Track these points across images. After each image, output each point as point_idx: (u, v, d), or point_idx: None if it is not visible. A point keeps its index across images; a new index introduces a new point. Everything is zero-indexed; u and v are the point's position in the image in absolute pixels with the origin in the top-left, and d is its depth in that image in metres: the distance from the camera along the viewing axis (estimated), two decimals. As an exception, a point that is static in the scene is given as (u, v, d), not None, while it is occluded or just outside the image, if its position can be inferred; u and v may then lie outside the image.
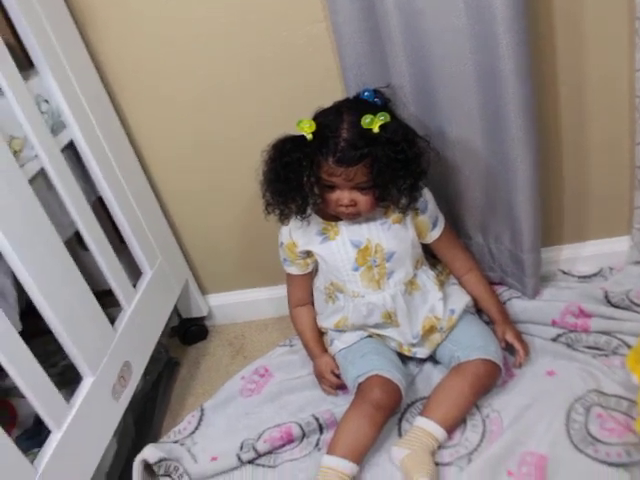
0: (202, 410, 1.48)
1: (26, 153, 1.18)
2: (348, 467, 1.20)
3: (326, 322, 1.44)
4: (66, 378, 1.34)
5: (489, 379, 1.30)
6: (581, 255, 1.58)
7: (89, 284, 1.29)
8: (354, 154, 1.17)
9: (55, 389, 1.14)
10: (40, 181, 1.25)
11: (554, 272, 1.59)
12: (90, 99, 1.37)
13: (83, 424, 1.19)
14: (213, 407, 1.49)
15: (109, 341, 1.31)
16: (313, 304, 1.49)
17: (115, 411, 1.30)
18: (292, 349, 1.61)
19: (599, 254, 1.56)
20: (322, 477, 1.19)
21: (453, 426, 1.26)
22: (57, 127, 1.30)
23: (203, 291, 1.79)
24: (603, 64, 1.33)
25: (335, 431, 1.27)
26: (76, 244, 1.61)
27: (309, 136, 1.20)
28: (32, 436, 1.32)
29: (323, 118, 1.23)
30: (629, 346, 1.32)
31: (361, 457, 1.23)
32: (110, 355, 1.30)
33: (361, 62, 1.32)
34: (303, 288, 1.47)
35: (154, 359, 1.58)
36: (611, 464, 1.12)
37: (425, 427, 1.23)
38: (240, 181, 1.53)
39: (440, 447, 1.24)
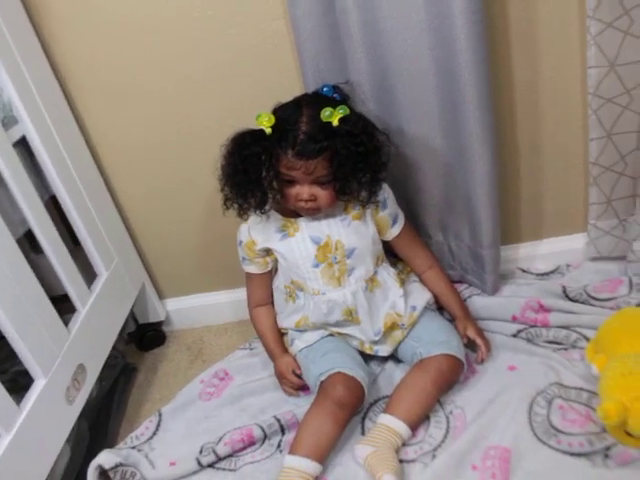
0: (160, 415, 1.44)
1: (-26, 146, 1.15)
2: (311, 467, 1.17)
3: (286, 322, 1.42)
4: (17, 385, 1.30)
5: (452, 374, 1.29)
6: (539, 253, 1.60)
7: (43, 290, 1.25)
8: (313, 147, 1.17)
9: (5, 392, 1.09)
10: (-11, 177, 1.22)
11: (513, 270, 1.60)
12: (43, 94, 1.34)
13: (34, 428, 1.14)
14: (171, 411, 1.45)
15: (62, 343, 1.26)
16: (273, 304, 1.47)
17: (69, 415, 1.26)
18: (252, 352, 1.58)
19: (556, 252, 1.58)
20: (284, 478, 1.17)
21: (417, 423, 1.25)
22: (8, 121, 1.27)
23: (160, 295, 1.75)
24: (556, 61, 1.35)
25: (297, 430, 1.25)
26: (28, 248, 1.58)
27: (268, 130, 1.19)
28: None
29: (282, 112, 1.22)
30: (588, 339, 1.33)
31: (324, 456, 1.21)
32: (63, 357, 1.25)
33: (320, 58, 1.32)
34: (263, 288, 1.45)
35: (110, 365, 1.55)
36: (573, 454, 1.13)
37: (389, 424, 1.22)
38: (198, 180, 1.52)
39: (404, 444, 1.22)
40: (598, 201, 1.46)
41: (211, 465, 1.29)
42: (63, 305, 1.37)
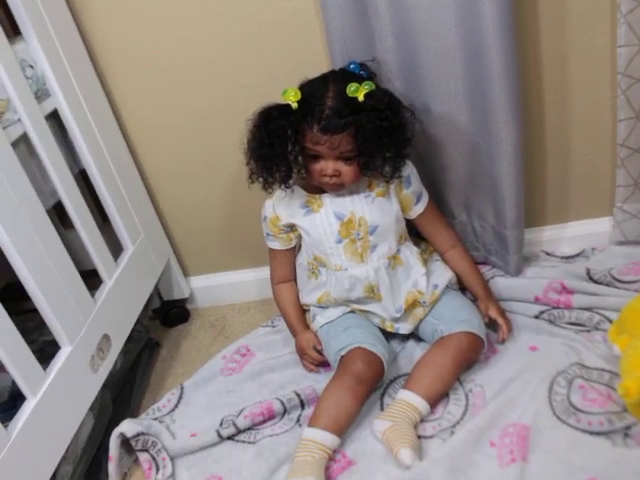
0: (182, 388, 1.46)
1: (9, 116, 1.17)
2: (329, 439, 1.18)
3: (308, 298, 1.43)
4: (45, 354, 1.32)
5: (472, 352, 1.29)
6: (564, 236, 1.59)
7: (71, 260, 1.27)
8: (339, 122, 1.17)
9: (32, 355, 1.12)
10: (23, 147, 1.24)
11: (537, 253, 1.59)
12: (75, 68, 1.36)
13: (59, 393, 1.16)
14: (193, 385, 1.47)
15: (88, 312, 1.29)
16: (296, 281, 1.48)
17: (93, 383, 1.28)
18: (274, 329, 1.60)
19: (581, 235, 1.57)
20: (302, 449, 1.18)
21: (436, 399, 1.25)
22: (41, 94, 1.29)
23: (185, 273, 1.77)
24: (585, 40, 1.34)
25: (316, 404, 1.26)
26: (58, 222, 1.61)
27: (294, 105, 1.20)
28: (7, 409, 1.29)
29: (308, 87, 1.23)
30: (611, 321, 1.32)
31: (342, 430, 1.22)
32: (89, 326, 1.27)
33: (347, 35, 1.32)
34: (286, 264, 1.46)
35: (134, 339, 1.57)
36: (593, 432, 1.12)
37: (408, 400, 1.23)
38: (225, 158, 1.53)
39: (422, 420, 1.23)
40: (625, 184, 1.44)
41: (231, 437, 1.30)
42: (90, 281, 1.40)
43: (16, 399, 1.21)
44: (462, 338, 1.28)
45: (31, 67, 1.25)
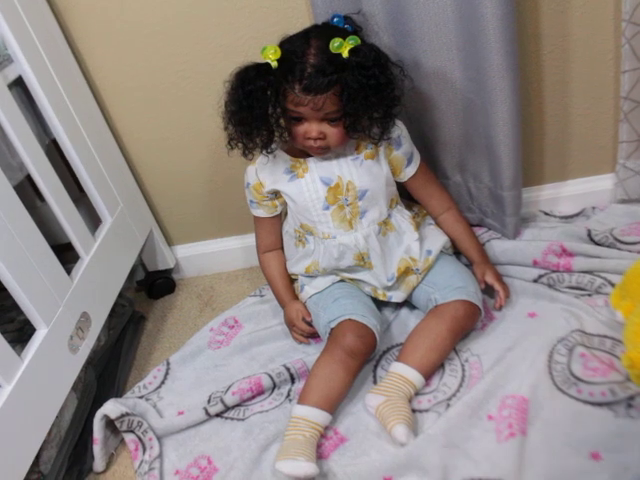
0: (168, 364, 1.41)
1: (-34, 86, 1.09)
2: (320, 416, 1.14)
3: (296, 267, 1.37)
4: (24, 333, 1.29)
5: (468, 321, 1.24)
6: (563, 195, 1.53)
7: (46, 238, 1.21)
8: (322, 80, 1.09)
9: (4, 340, 1.06)
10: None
11: (535, 213, 1.53)
12: (39, 31, 1.27)
13: (36, 377, 1.11)
14: (180, 360, 1.42)
15: (65, 291, 1.22)
16: (283, 250, 1.42)
17: (73, 364, 1.22)
18: (263, 299, 1.55)
19: (582, 193, 1.51)
20: (293, 427, 1.13)
21: (431, 371, 1.21)
22: (3, 60, 1.21)
23: (169, 242, 1.71)
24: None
25: (306, 379, 1.21)
26: (34, 195, 1.54)
27: (274, 63, 1.12)
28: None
29: (289, 44, 1.14)
30: (613, 285, 1.27)
31: (334, 406, 1.18)
32: (65, 306, 1.21)
33: (330, -14, 1.23)
34: (272, 232, 1.40)
35: (118, 313, 1.52)
36: (594, 403, 1.07)
37: (401, 372, 1.18)
38: (204, 122, 1.46)
39: (417, 393, 1.19)
40: (628, 139, 1.37)
41: (219, 415, 1.26)
42: (70, 253, 1.34)
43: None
44: (458, 307, 1.23)
45: (-11, 32, 1.17)
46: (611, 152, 1.45)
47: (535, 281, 1.35)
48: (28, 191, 1.52)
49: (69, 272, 1.27)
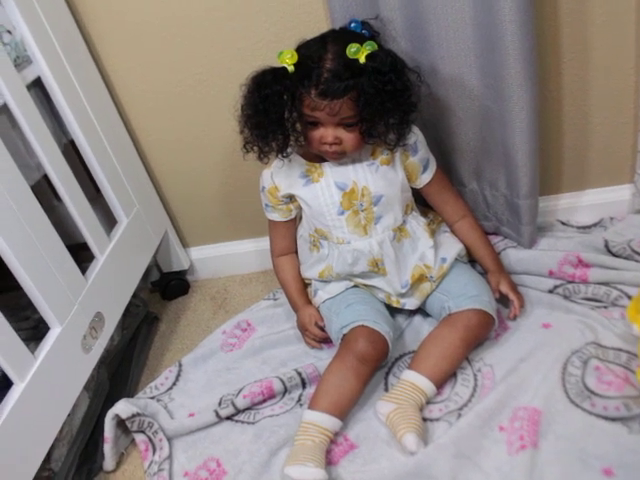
0: (180, 365, 1.42)
1: (-15, 85, 1.10)
2: (330, 422, 1.14)
3: (310, 272, 1.36)
4: (39, 331, 1.28)
5: (482, 330, 1.23)
6: (580, 205, 1.51)
7: (62, 237, 1.22)
8: (339, 85, 1.09)
9: (18, 338, 1.07)
10: (3, 119, 1.18)
11: (552, 223, 1.51)
12: (58, 33, 1.28)
13: (49, 376, 1.12)
14: (192, 362, 1.42)
15: (79, 290, 1.23)
16: (297, 254, 1.41)
17: (85, 364, 1.23)
18: (276, 302, 1.54)
19: (600, 203, 1.49)
20: (302, 433, 1.13)
21: (443, 380, 1.20)
22: (22, 61, 1.22)
23: (184, 244, 1.71)
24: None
25: (317, 385, 1.20)
26: (51, 194, 1.55)
27: (290, 68, 1.12)
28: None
29: (306, 49, 1.14)
30: (629, 297, 1.25)
31: (344, 412, 1.17)
32: (80, 305, 1.22)
33: (348, -8, 1.23)
34: (286, 236, 1.39)
35: (131, 313, 1.53)
36: (608, 418, 1.06)
37: (413, 381, 1.17)
38: (221, 125, 1.46)
39: (428, 402, 1.18)
40: (648, 149, 1.35)
41: (230, 417, 1.26)
42: (85, 253, 1.35)
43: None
44: (471, 315, 1.22)
45: (9, 32, 1.18)
46: (630, 162, 1.43)
47: (550, 292, 1.34)
48: (45, 191, 1.53)
49: (84, 272, 1.28)
